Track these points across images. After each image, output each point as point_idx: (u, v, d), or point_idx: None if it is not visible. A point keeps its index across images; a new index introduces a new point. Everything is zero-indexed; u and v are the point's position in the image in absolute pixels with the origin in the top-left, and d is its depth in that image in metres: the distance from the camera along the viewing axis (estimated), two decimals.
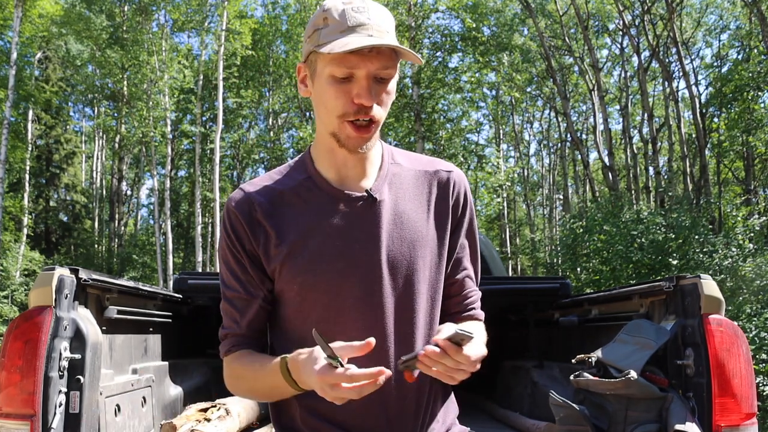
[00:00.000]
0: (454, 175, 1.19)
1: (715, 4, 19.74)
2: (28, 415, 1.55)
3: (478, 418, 3.23)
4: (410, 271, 1.11)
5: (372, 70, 1.02)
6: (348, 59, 1.01)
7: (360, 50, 1.00)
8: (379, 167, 1.16)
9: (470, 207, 1.21)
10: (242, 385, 1.16)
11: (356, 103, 1.04)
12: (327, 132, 1.10)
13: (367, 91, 1.02)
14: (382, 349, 1.08)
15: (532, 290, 3.14)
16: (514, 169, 21.22)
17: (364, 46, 0.99)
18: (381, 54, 1.02)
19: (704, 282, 1.74)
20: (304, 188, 1.14)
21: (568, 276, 11.76)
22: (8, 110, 14.06)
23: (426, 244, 1.13)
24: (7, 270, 16.41)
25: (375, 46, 1.01)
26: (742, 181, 18.29)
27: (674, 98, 17.48)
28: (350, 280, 1.09)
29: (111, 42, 17.67)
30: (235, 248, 1.13)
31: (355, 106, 1.04)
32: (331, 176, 1.13)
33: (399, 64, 1.08)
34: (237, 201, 1.14)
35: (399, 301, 1.11)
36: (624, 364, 1.83)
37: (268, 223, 1.11)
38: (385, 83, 1.05)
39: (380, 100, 1.05)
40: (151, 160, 18.63)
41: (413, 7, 16.32)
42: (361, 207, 1.11)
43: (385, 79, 1.04)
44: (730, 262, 8.54)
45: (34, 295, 1.66)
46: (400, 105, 16.37)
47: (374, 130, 1.07)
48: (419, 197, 1.15)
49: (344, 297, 1.09)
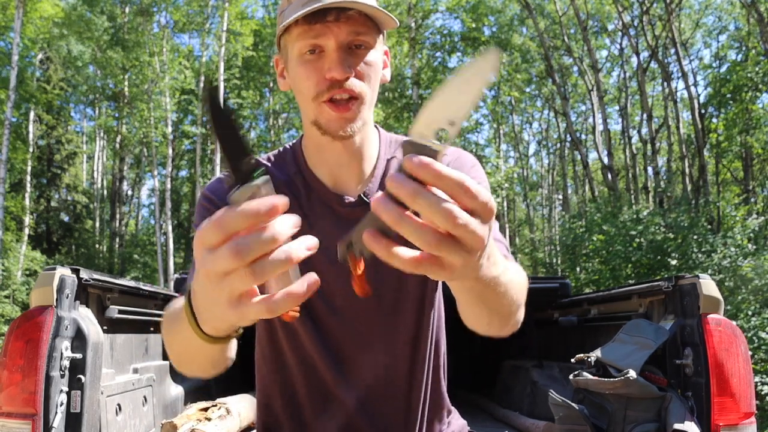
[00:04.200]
0: (451, 159, 1.05)
1: (714, 5, 19.75)
2: (30, 415, 1.56)
3: (478, 418, 3.23)
4: (405, 283, 1.04)
5: (342, 39, 0.90)
6: (312, 30, 0.89)
7: (324, 18, 0.88)
8: (375, 165, 1.05)
9: (479, 179, 1.03)
10: (170, 352, 0.90)
11: (328, 78, 0.91)
12: (309, 122, 0.98)
13: (337, 62, 0.90)
14: (370, 354, 1.04)
15: (532, 290, 3.12)
16: (513, 169, 21.21)
17: (322, 5, 0.87)
18: (350, 19, 0.89)
19: (703, 282, 1.75)
20: (294, 184, 1.03)
21: (567, 276, 11.76)
22: (10, 111, 14.06)
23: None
24: (8, 270, 16.42)
25: (336, 4, 0.87)
26: (741, 181, 18.29)
27: (673, 99, 17.49)
28: (341, 291, 1.00)
29: (112, 43, 17.69)
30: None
31: (327, 82, 0.91)
32: (322, 175, 1.03)
33: (383, 39, 0.96)
34: (211, 187, 1.04)
35: (391, 315, 1.04)
36: (623, 364, 1.84)
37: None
38: (362, 52, 0.92)
39: (359, 72, 0.92)
40: (152, 160, 18.64)
41: (413, 7, 16.33)
42: (356, 213, 1.01)
43: (360, 46, 0.92)
44: (729, 262, 8.54)
45: (35, 294, 1.67)
46: (400, 105, 16.38)
47: (356, 107, 0.93)
48: None
49: (335, 308, 1.02)
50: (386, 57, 1.02)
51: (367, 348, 1.04)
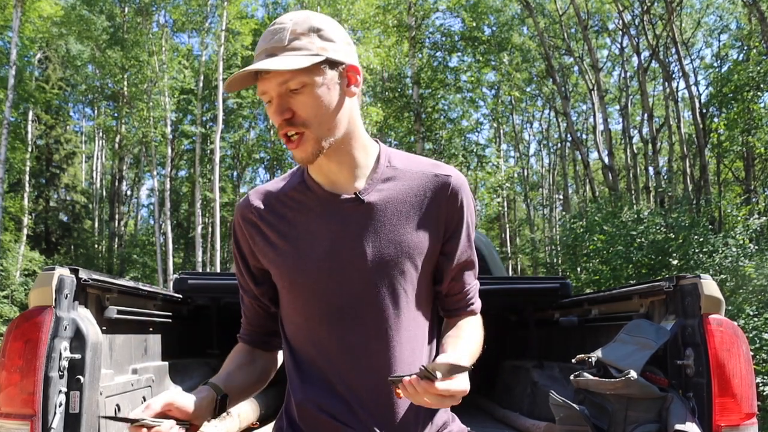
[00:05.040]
0: (452, 180, 1.18)
1: (715, 4, 19.74)
2: (28, 415, 1.55)
3: (478, 418, 3.23)
4: (397, 271, 1.13)
5: (277, 90, 1.06)
6: (258, 87, 1.07)
7: (262, 74, 1.05)
8: (373, 170, 1.16)
9: (469, 210, 1.20)
10: None
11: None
12: None
13: (273, 111, 1.07)
14: (367, 347, 1.11)
15: (532, 290, 3.13)
16: (514, 169, 21.23)
17: (250, 69, 1.04)
18: (276, 72, 1.04)
19: (704, 282, 1.74)
20: (298, 191, 1.18)
21: (568, 276, 11.76)
22: (8, 110, 14.06)
23: (415, 246, 1.14)
24: (7, 270, 16.42)
25: (259, 68, 1.03)
26: (742, 181, 18.29)
27: (674, 98, 17.49)
28: (336, 280, 1.12)
29: (111, 42, 17.69)
30: (236, 250, 1.24)
31: (278, 124, 1.09)
32: (321, 180, 1.16)
33: (329, 67, 1.07)
34: (239, 206, 1.23)
35: (384, 300, 1.12)
36: (624, 364, 1.83)
37: (263, 225, 1.18)
38: (300, 93, 1.06)
39: (300, 111, 1.06)
40: (151, 160, 18.64)
41: (413, 7, 16.32)
42: (350, 208, 1.13)
43: (297, 88, 1.05)
44: (731, 262, 8.54)
45: (34, 295, 1.66)
46: (400, 105, 16.38)
47: (303, 140, 1.07)
48: (412, 201, 1.16)
49: (330, 296, 1.13)
50: (353, 74, 1.11)
51: (367, 337, 1.12)
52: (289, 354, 1.19)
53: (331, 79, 1.08)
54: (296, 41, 1.06)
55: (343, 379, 1.12)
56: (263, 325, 1.27)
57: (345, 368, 1.12)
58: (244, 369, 1.23)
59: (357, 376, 1.11)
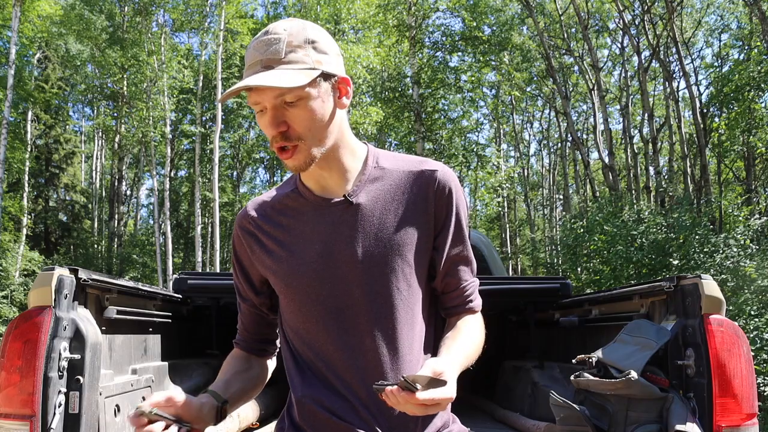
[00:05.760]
0: (438, 173, 1.18)
1: (716, 4, 19.74)
2: (28, 416, 1.55)
3: (478, 418, 3.23)
4: (389, 270, 1.13)
5: (273, 102, 1.06)
6: (251, 97, 1.07)
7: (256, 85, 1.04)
8: (361, 171, 1.18)
9: (457, 203, 1.20)
10: None
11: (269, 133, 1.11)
12: None
13: (268, 123, 1.07)
14: (363, 346, 1.12)
15: (533, 290, 3.13)
16: (514, 169, 21.22)
17: (236, 89, 1.04)
18: (272, 87, 1.04)
19: (705, 282, 1.74)
20: (291, 198, 1.21)
21: (568, 276, 11.76)
22: (7, 110, 14.05)
23: (405, 243, 1.15)
24: (6, 270, 16.42)
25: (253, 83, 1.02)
26: (743, 180, 18.28)
27: (674, 98, 17.48)
28: (330, 281, 1.14)
29: (111, 42, 17.68)
30: (236, 261, 1.27)
31: (272, 135, 1.09)
32: (313, 186, 1.19)
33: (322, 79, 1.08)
34: (238, 218, 1.27)
35: (378, 299, 1.13)
36: (624, 365, 1.83)
37: (261, 234, 1.21)
38: (295, 106, 1.06)
39: (294, 123, 1.07)
40: (150, 160, 18.64)
41: (413, 7, 16.31)
42: (340, 211, 1.15)
43: (293, 101, 1.06)
44: (731, 262, 8.53)
45: (33, 295, 1.66)
46: (400, 105, 16.37)
47: (296, 151, 1.08)
48: (401, 198, 1.17)
49: (325, 297, 1.14)
50: (344, 86, 1.13)
51: (360, 338, 1.13)
52: (289, 355, 1.20)
53: (325, 92, 1.09)
54: (292, 54, 1.06)
55: (343, 379, 1.13)
56: (260, 332, 1.30)
57: (343, 368, 1.13)
58: (240, 376, 1.25)
59: (355, 376, 1.12)
